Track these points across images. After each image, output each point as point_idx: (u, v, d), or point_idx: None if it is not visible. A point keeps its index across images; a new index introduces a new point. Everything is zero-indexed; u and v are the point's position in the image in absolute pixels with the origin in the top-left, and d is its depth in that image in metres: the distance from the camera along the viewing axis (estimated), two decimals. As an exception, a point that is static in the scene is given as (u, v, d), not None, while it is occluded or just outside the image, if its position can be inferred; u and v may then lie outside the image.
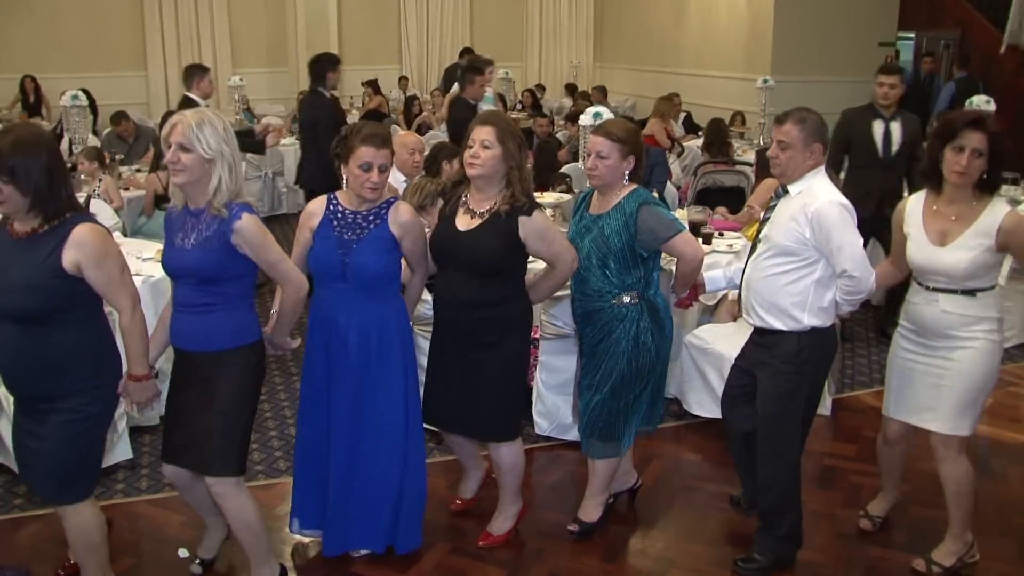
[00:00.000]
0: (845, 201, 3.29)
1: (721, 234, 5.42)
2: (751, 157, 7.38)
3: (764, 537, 3.58)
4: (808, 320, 3.36)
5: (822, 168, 3.36)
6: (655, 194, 6.17)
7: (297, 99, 11.73)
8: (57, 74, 11.73)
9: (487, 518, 3.79)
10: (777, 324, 3.39)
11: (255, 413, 3.25)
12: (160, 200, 6.64)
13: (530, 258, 3.52)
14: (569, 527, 3.80)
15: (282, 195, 9.90)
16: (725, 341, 4.60)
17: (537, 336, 4.37)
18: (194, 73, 7.05)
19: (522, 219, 3.34)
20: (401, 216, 3.33)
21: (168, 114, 8.63)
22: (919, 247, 3.37)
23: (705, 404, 4.74)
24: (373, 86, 12.49)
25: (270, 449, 4.52)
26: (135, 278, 3.22)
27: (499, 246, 3.36)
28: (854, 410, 5.07)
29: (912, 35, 13.70)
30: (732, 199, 6.59)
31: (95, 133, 9.96)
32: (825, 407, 4.93)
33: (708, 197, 6.63)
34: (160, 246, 4.00)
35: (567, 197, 6.13)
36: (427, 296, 3.83)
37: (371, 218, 3.32)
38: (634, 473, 4.04)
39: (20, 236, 2.88)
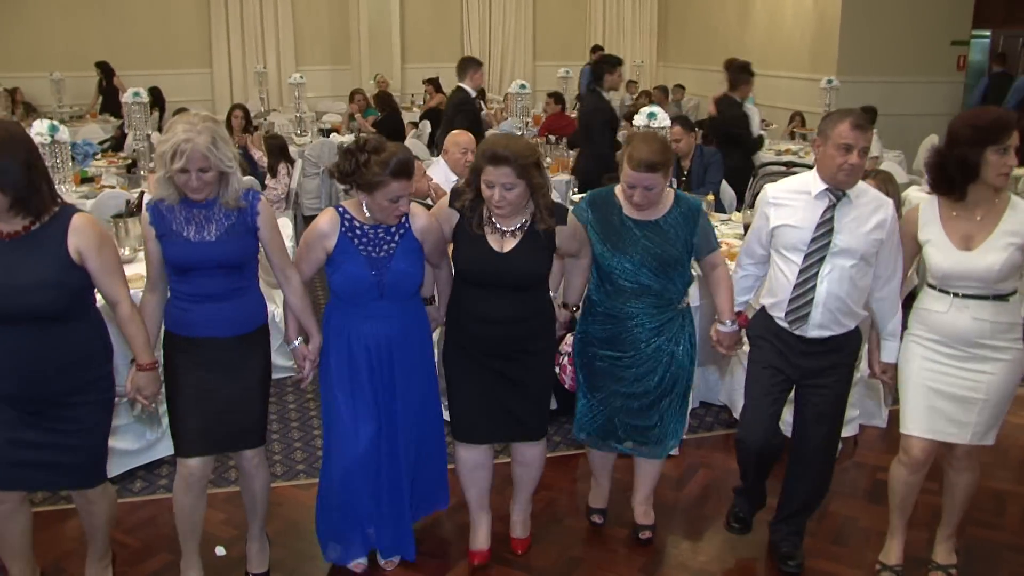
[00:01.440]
0: None
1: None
2: (812, 159, 7.19)
3: (799, 532, 3.61)
4: (864, 309, 3.36)
5: None
6: (711, 196, 6.14)
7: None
8: (127, 71, 12.00)
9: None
10: (851, 325, 3.34)
11: None
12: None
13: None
14: (641, 535, 3.75)
15: (340, 190, 9.95)
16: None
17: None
18: (468, 65, 7.42)
19: (559, 228, 3.28)
20: (420, 222, 3.27)
21: (237, 106, 8.86)
22: (946, 254, 3.18)
23: (755, 413, 4.59)
24: (434, 84, 12.52)
25: (312, 448, 4.52)
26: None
27: (543, 260, 3.31)
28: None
29: (988, 33, 13.27)
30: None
31: (160, 130, 10.16)
32: (881, 418, 4.78)
33: (767, 200, 6.46)
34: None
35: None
36: None
37: (393, 230, 3.24)
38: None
39: (10, 236, 2.81)
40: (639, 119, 5.72)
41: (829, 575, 3.56)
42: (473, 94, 7.46)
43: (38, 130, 4.96)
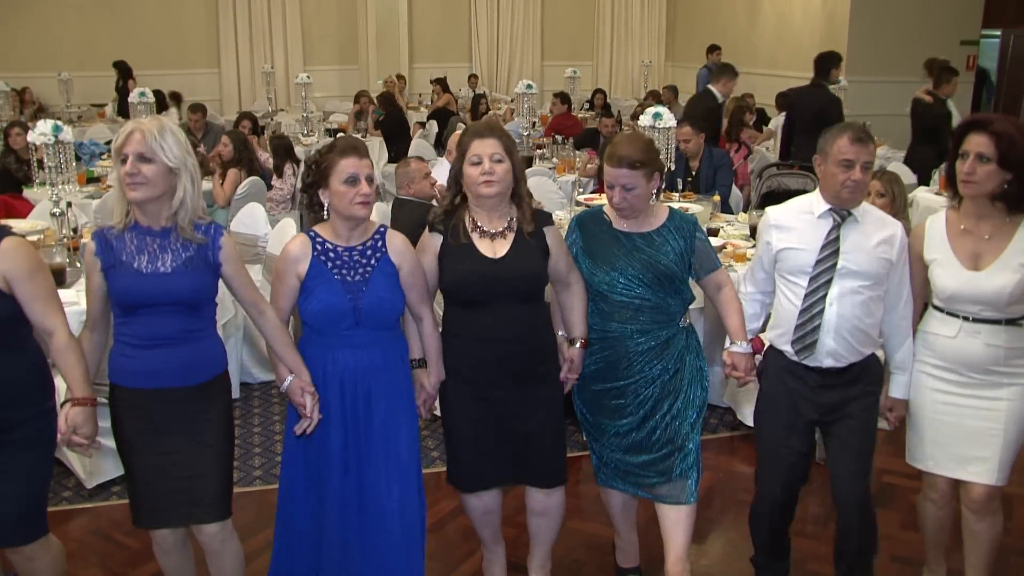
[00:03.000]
0: None
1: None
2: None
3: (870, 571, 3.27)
4: (879, 332, 3.14)
5: None
6: (717, 197, 6.12)
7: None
8: (135, 71, 12.00)
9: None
10: (868, 351, 3.10)
11: None
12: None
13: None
14: None
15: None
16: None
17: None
18: (724, 72, 8.17)
19: (547, 229, 3.09)
20: (397, 244, 3.01)
21: (245, 115, 8.88)
22: (953, 273, 2.97)
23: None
24: (441, 84, 12.55)
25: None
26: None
27: (540, 261, 3.07)
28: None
29: (998, 32, 13.20)
30: (797, 202, 6.42)
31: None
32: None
33: (773, 200, 6.42)
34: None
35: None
36: None
37: (369, 253, 2.96)
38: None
39: None
40: (644, 119, 5.71)
41: (834, 579, 3.52)
42: (720, 99, 8.04)
43: (41, 130, 4.95)
